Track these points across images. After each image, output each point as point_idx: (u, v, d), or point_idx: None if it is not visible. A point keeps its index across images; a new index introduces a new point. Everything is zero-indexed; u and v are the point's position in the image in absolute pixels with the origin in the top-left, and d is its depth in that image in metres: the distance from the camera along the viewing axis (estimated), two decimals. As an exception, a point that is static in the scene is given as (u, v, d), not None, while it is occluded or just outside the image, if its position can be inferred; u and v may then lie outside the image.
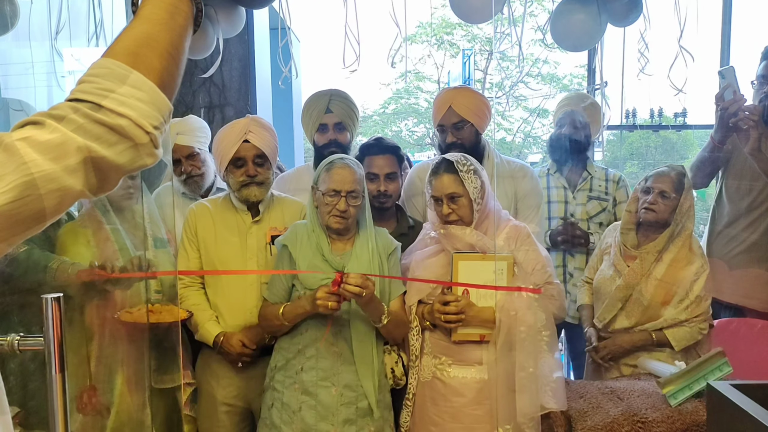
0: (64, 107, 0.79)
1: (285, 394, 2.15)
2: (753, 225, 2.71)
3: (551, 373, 2.04)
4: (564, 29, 2.59)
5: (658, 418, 1.94)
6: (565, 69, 16.02)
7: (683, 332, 2.34)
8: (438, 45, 17.09)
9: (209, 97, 3.74)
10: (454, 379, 2.15)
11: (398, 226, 2.48)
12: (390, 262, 2.22)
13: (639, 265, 2.40)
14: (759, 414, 1.42)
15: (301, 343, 2.15)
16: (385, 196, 2.40)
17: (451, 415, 2.13)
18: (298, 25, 9.78)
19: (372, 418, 2.12)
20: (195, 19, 0.95)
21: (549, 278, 2.17)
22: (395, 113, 17.89)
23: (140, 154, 0.84)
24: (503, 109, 17.66)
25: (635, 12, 2.56)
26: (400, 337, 2.23)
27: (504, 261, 2.10)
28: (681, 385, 1.99)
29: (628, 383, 2.17)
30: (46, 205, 0.76)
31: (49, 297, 1.06)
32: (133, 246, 2.01)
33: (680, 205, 2.35)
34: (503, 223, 2.21)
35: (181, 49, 0.91)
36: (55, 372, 1.09)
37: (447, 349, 2.16)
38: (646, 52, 2.55)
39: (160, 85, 0.85)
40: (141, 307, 1.93)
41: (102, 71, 0.82)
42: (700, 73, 2.98)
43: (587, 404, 2.05)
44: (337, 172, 2.11)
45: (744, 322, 2.69)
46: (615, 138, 10.48)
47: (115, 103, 0.80)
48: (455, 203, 2.13)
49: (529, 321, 2.04)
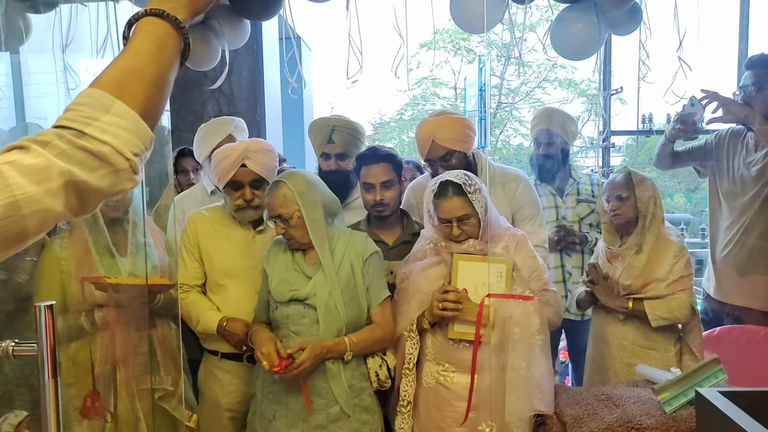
0: (49, 133, 0.84)
1: (263, 403, 2.20)
2: (750, 227, 2.82)
3: (541, 377, 2.06)
4: (564, 38, 2.60)
5: (653, 425, 1.94)
6: (583, 74, 15.96)
7: (658, 303, 2.41)
8: (455, 51, 17.14)
9: (218, 106, 3.82)
10: (457, 385, 2.18)
11: (403, 233, 2.49)
12: (368, 267, 2.22)
13: (621, 261, 2.52)
14: (744, 422, 1.42)
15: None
16: (381, 205, 2.40)
17: (455, 420, 2.17)
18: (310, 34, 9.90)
19: (346, 420, 2.14)
20: (183, 52, 1.00)
21: (545, 285, 2.19)
22: (412, 119, 17.94)
23: (120, 179, 0.88)
24: (520, 115, 17.67)
25: (635, 21, 2.57)
26: (381, 349, 2.25)
27: (503, 264, 2.13)
28: (676, 392, 1.99)
29: (624, 390, 2.18)
30: (28, 225, 0.81)
31: (42, 305, 1.11)
32: (119, 254, 2.07)
33: (638, 198, 2.48)
34: (502, 231, 2.24)
35: (166, 80, 0.96)
36: (48, 377, 1.14)
37: (450, 356, 2.19)
38: (647, 60, 2.56)
39: (142, 115, 0.90)
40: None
41: (87, 100, 0.87)
42: (717, 78, 3.15)
43: (583, 411, 2.06)
44: (266, 202, 2.20)
45: (746, 330, 2.69)
46: (634, 143, 10.41)
47: (98, 131, 0.85)
48: (465, 224, 2.15)
49: (522, 323, 2.07)
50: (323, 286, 2.14)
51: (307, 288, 2.15)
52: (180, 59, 1.00)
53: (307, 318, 2.15)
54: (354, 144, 2.70)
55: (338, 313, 2.14)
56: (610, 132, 5.69)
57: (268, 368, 2.03)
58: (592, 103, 13.97)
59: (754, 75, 2.76)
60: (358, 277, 2.19)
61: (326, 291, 2.13)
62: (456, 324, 2.15)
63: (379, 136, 17.99)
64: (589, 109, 14.67)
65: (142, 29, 0.96)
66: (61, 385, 2.03)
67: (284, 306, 2.18)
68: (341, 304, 2.14)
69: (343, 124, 2.69)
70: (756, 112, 2.69)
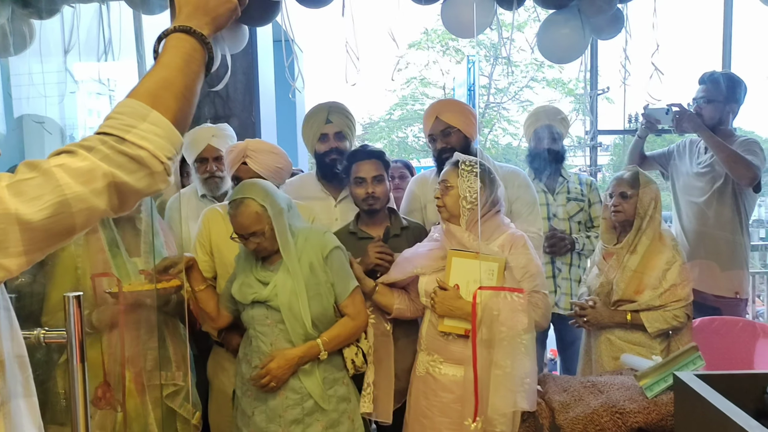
0: (93, 139, 0.95)
1: (242, 400, 2.28)
2: (702, 218, 3.13)
3: (526, 375, 2.11)
4: (550, 43, 2.71)
5: (635, 409, 2.05)
6: (570, 73, 16.10)
7: (656, 316, 2.49)
8: (443, 51, 17.25)
9: (214, 108, 3.90)
10: (444, 376, 2.24)
11: (391, 227, 2.58)
12: (330, 263, 2.26)
13: (616, 259, 2.60)
14: (718, 402, 1.53)
15: (249, 353, 2.27)
16: (373, 198, 2.48)
17: (440, 410, 2.24)
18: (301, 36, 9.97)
19: (322, 413, 2.21)
20: (207, 65, 1.11)
21: (536, 287, 2.23)
22: (401, 119, 18.02)
23: (155, 181, 0.99)
24: (509, 114, 17.81)
25: (617, 26, 2.69)
26: (354, 339, 2.32)
27: (496, 263, 2.18)
28: (656, 378, 2.10)
29: (609, 378, 2.29)
30: (77, 222, 0.92)
31: (71, 295, 1.21)
32: (128, 253, 2.16)
33: (640, 199, 2.55)
34: (501, 230, 2.28)
35: (194, 91, 1.07)
36: (77, 362, 1.23)
37: (440, 348, 2.26)
38: (627, 64, 2.68)
39: (174, 123, 1.01)
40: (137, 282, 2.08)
41: (126, 110, 0.98)
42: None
43: (570, 397, 2.17)
44: (232, 220, 2.19)
45: (725, 321, 2.81)
46: (622, 142, 10.54)
47: (137, 137, 0.96)
48: (446, 192, 2.24)
49: (510, 322, 2.11)
50: (284, 287, 2.18)
51: (267, 290, 2.19)
52: (205, 71, 1.10)
53: (270, 319, 2.21)
54: (348, 126, 2.80)
55: (301, 312, 2.18)
56: (597, 131, 5.82)
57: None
58: (579, 103, 14.15)
59: (705, 90, 3.13)
60: (319, 275, 2.23)
61: (287, 291, 2.17)
62: (446, 319, 2.23)
63: (368, 135, 18.05)
64: (577, 109, 14.83)
65: (172, 45, 1.07)
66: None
67: (249, 308, 2.24)
68: (304, 303, 2.18)
69: (337, 105, 2.81)
70: (705, 122, 3.08)
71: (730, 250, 3.10)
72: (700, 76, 3.17)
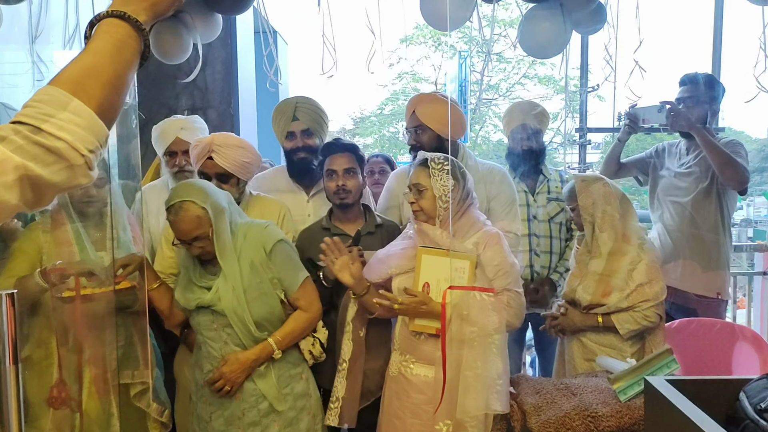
0: (6, 129, 0.87)
1: (198, 405, 2.23)
2: (685, 218, 3.10)
3: (497, 377, 2.07)
4: (530, 36, 2.65)
5: (608, 413, 2.01)
6: (563, 70, 16.08)
7: (626, 317, 2.44)
8: (435, 47, 17.20)
9: (192, 99, 3.82)
10: (416, 377, 2.20)
11: (366, 224, 2.53)
12: (274, 257, 2.19)
13: (577, 266, 2.63)
14: (686, 408, 1.48)
15: (200, 358, 2.23)
16: (344, 191, 2.45)
17: (411, 411, 2.20)
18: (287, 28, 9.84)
19: (278, 414, 2.17)
20: (143, 53, 1.03)
21: (509, 285, 2.17)
22: (392, 114, 17.97)
23: (75, 175, 0.92)
24: (500, 111, 17.77)
25: (599, 21, 2.63)
26: (309, 331, 2.28)
27: (467, 260, 2.14)
28: (630, 382, 2.06)
29: (583, 380, 2.24)
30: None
31: (3, 293, 1.14)
32: (93, 247, 2.09)
33: (581, 207, 2.54)
34: (476, 227, 2.24)
35: (124, 80, 0.99)
36: (9, 363, 1.16)
37: (412, 348, 2.22)
38: (611, 60, 2.63)
39: (99, 113, 0.93)
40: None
41: (45, 97, 0.90)
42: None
43: (542, 399, 2.12)
44: (173, 227, 2.10)
45: (703, 323, 2.77)
46: (611, 140, 10.53)
47: (54, 127, 0.88)
48: (420, 195, 2.19)
49: (480, 322, 2.07)
50: (226, 291, 2.12)
51: (209, 295, 2.13)
52: (140, 60, 1.03)
53: (216, 323, 2.16)
54: (317, 122, 2.71)
55: (246, 314, 2.13)
56: (587, 129, 5.77)
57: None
58: (571, 100, 14.14)
59: (688, 91, 3.11)
60: (261, 273, 2.17)
61: (230, 295, 2.11)
62: (416, 319, 2.18)
63: (359, 130, 18.00)
64: (568, 106, 14.81)
65: (103, 30, 0.99)
66: (32, 376, 2.05)
67: (195, 314, 2.19)
68: (245, 306, 2.12)
69: (305, 101, 2.72)
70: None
71: (712, 250, 3.07)
72: (680, 78, 3.15)
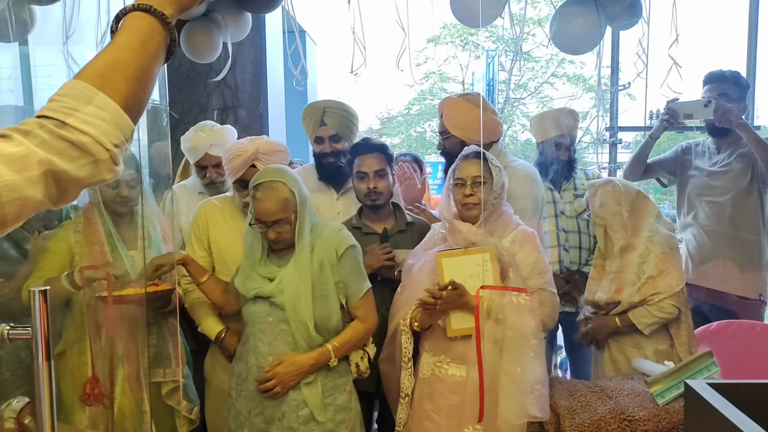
0: (31, 123, 0.86)
1: (237, 401, 2.17)
2: (722, 218, 3.03)
3: (536, 381, 2.02)
4: (563, 32, 2.60)
5: (645, 417, 1.96)
6: (591, 69, 15.86)
7: (641, 312, 2.40)
8: (462, 46, 17.10)
9: (223, 99, 3.84)
10: (451, 377, 2.16)
11: (396, 223, 2.52)
12: (344, 262, 2.14)
13: (594, 271, 2.61)
14: (730, 413, 1.43)
15: (245, 351, 2.16)
16: (375, 193, 2.44)
17: (447, 413, 2.14)
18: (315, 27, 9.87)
19: (317, 423, 2.08)
20: (169, 47, 1.02)
21: (544, 285, 2.15)
22: (419, 114, 17.92)
23: (99, 170, 0.90)
24: (528, 110, 17.62)
25: (635, 15, 2.57)
26: (363, 343, 2.23)
27: (486, 252, 2.10)
28: (668, 385, 2.01)
29: (618, 382, 2.19)
30: (7, 213, 0.82)
31: (36, 289, 1.14)
32: (124, 246, 2.10)
33: (592, 213, 2.57)
34: (512, 227, 2.23)
35: (150, 74, 0.97)
36: (42, 360, 1.16)
37: (446, 348, 2.18)
38: (642, 56, 2.57)
39: (124, 107, 0.91)
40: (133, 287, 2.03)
41: (70, 91, 0.89)
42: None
43: (576, 402, 2.08)
44: (258, 205, 2.03)
45: (743, 325, 2.69)
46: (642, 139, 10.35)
47: (79, 122, 0.87)
48: (478, 187, 2.17)
49: (517, 326, 2.04)
50: (290, 283, 2.05)
51: (271, 285, 2.07)
52: (166, 54, 1.01)
53: (272, 317, 2.09)
54: (347, 126, 2.69)
55: (306, 311, 2.06)
56: (617, 128, 5.68)
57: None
58: (597, 98, 13.96)
59: (720, 88, 3.03)
60: (328, 274, 2.10)
61: (293, 288, 2.05)
62: (453, 321, 2.13)
63: (386, 130, 17.99)
64: (597, 105, 14.64)
65: (129, 24, 0.98)
66: (65, 374, 2.07)
67: (251, 303, 2.12)
68: (309, 303, 2.06)
69: (334, 105, 2.69)
70: (720, 120, 2.97)
71: (753, 251, 3.00)
72: (705, 76, 3.09)
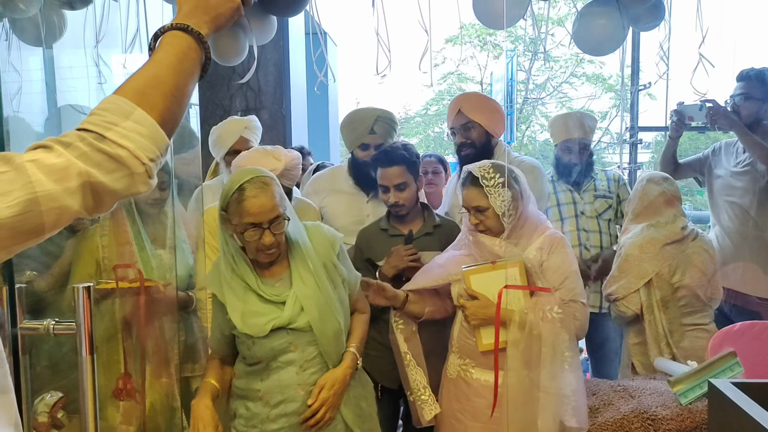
0: (72, 135, 0.90)
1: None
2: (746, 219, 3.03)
3: (573, 393, 2.00)
4: (586, 34, 2.62)
5: (668, 416, 1.97)
6: (611, 69, 15.76)
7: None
8: (481, 46, 17.07)
9: (246, 101, 3.90)
10: (476, 381, 2.16)
11: (424, 225, 2.49)
12: (342, 258, 2.03)
13: None
14: (754, 412, 1.45)
15: (264, 389, 1.89)
16: (397, 206, 2.40)
17: (472, 414, 2.16)
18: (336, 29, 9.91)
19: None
20: (203, 65, 1.07)
21: (575, 296, 2.10)
22: (437, 114, 17.91)
23: (135, 182, 0.94)
24: (547, 110, 17.55)
25: (658, 17, 2.58)
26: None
27: (514, 267, 2.06)
28: (691, 384, 2.02)
29: (641, 382, 2.20)
30: (46, 221, 0.87)
31: (81, 286, 1.19)
32: (153, 246, 2.14)
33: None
34: (539, 231, 2.16)
35: (185, 91, 1.02)
36: (86, 353, 1.21)
37: (472, 352, 2.18)
38: (664, 57, 2.58)
39: (160, 123, 0.96)
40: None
41: (110, 106, 0.93)
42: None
43: (599, 401, 2.10)
44: (252, 203, 1.76)
45: (767, 326, 2.68)
46: (663, 139, 10.27)
47: (117, 135, 0.91)
48: (482, 215, 2.13)
49: (552, 343, 2.01)
50: (308, 299, 1.85)
51: (287, 311, 1.84)
52: (200, 72, 1.06)
53: (295, 343, 1.86)
54: (391, 135, 2.71)
55: (333, 325, 1.88)
56: (638, 128, 5.66)
57: None
58: (620, 99, 13.85)
59: (743, 87, 3.03)
60: (334, 275, 1.96)
61: (314, 305, 1.85)
62: (483, 335, 2.11)
63: (404, 131, 17.98)
64: (617, 105, 14.53)
65: (167, 42, 1.02)
66: (99, 367, 2.12)
67: (264, 340, 1.84)
68: (335, 312, 1.90)
69: (385, 114, 2.69)
70: (742, 120, 2.99)
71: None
72: (738, 73, 3.08)
